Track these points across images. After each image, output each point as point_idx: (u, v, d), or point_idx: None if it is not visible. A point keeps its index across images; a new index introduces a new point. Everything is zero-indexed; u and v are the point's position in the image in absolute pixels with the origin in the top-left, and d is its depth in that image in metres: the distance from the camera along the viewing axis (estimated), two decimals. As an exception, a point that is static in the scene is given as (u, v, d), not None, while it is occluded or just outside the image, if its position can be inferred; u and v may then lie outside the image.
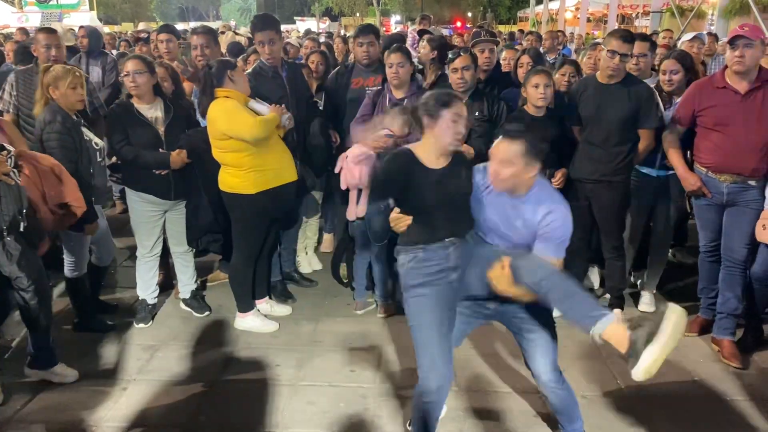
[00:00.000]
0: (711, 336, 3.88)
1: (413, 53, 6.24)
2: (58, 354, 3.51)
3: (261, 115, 3.69)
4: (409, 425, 2.91)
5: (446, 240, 2.63)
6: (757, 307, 3.80)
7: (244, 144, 3.62)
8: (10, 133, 3.26)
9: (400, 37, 6.38)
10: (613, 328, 2.29)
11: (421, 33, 7.12)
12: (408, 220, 2.66)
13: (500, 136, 2.56)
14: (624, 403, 3.32)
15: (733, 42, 3.47)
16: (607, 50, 3.76)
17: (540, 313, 2.65)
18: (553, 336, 2.70)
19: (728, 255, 3.71)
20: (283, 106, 3.86)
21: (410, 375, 3.55)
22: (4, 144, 3.10)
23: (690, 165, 3.88)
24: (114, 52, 7.67)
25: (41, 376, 3.45)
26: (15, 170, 3.02)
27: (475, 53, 4.50)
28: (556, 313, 2.63)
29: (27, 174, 3.11)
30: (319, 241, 5.38)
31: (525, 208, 2.60)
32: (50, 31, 4.69)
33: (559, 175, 3.95)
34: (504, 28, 18.04)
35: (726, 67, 3.62)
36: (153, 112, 3.90)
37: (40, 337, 3.40)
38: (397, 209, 2.72)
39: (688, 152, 3.97)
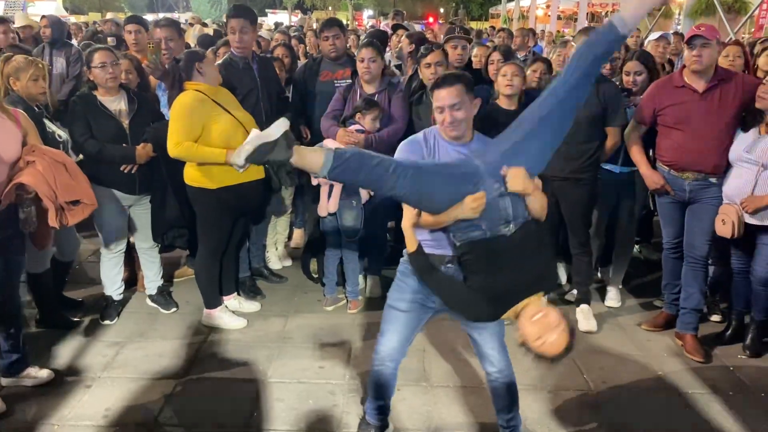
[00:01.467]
0: (674, 331, 3.96)
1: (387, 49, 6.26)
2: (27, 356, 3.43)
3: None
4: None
5: None
6: (742, 305, 3.90)
7: (203, 138, 3.57)
8: (26, 125, 3.16)
9: (383, 34, 6.35)
10: None
11: (395, 28, 7.13)
12: None
13: (434, 90, 2.56)
14: (588, 398, 3.37)
15: (690, 42, 3.54)
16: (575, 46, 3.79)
17: None
18: (501, 323, 2.72)
19: (690, 251, 3.79)
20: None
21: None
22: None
23: (653, 163, 3.95)
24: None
25: (15, 383, 3.36)
26: None
27: (447, 49, 4.52)
28: None
29: (39, 170, 3.03)
30: (290, 237, 5.34)
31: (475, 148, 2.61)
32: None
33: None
34: (476, 25, 18.12)
35: (684, 66, 3.69)
36: (117, 104, 3.82)
37: (7, 339, 3.32)
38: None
39: (651, 151, 4.04)
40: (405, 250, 2.64)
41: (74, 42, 7.53)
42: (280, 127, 2.20)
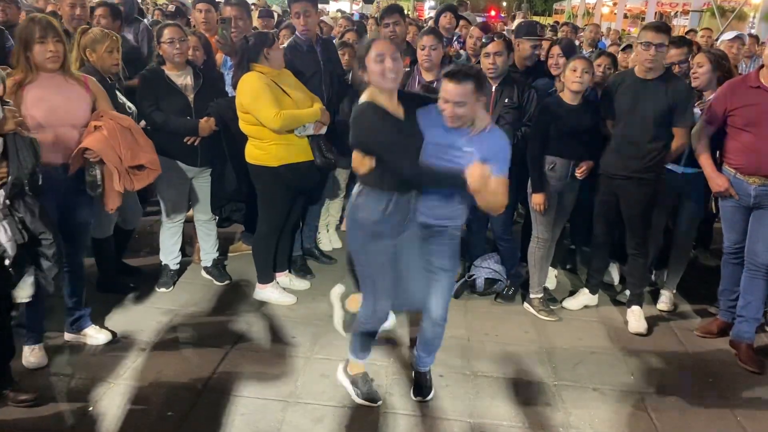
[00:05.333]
0: (729, 339, 3.85)
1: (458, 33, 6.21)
2: (90, 316, 3.59)
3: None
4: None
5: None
6: None
7: None
8: (95, 90, 3.28)
9: (454, 6, 6.33)
10: None
11: (457, 18, 7.07)
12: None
13: (445, 78, 2.66)
14: (635, 399, 3.31)
15: None
16: (642, 42, 3.69)
17: (453, 254, 2.97)
18: (452, 279, 3.08)
19: (752, 258, 3.66)
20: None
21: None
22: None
23: (718, 165, 3.83)
24: (148, 19, 7.72)
25: (76, 339, 3.54)
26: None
27: (510, 40, 4.46)
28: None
29: (105, 134, 3.15)
30: (341, 220, 5.40)
31: (466, 143, 2.72)
32: None
33: (584, 167, 3.91)
34: (539, 20, 17.83)
35: (762, 66, 3.55)
36: (183, 79, 3.94)
37: (71, 296, 3.48)
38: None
39: (717, 152, 3.91)
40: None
41: (148, 18, 7.74)
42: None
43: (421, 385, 3.24)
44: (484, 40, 4.20)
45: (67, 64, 3.18)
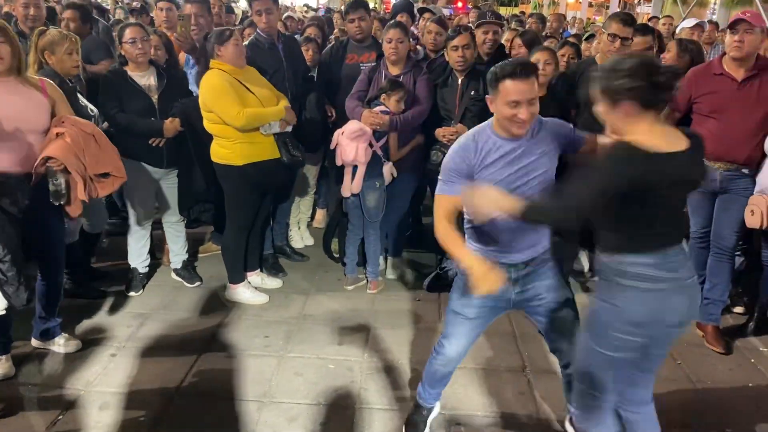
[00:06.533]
0: (696, 321, 3.93)
1: (415, 31, 6.21)
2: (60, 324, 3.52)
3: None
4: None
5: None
6: (764, 298, 3.88)
7: None
8: (53, 94, 3.13)
9: (409, 5, 6.31)
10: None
11: (421, 11, 7.08)
12: None
13: (505, 79, 2.29)
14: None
15: (733, 26, 3.46)
16: (608, 34, 3.75)
17: (560, 288, 2.60)
18: (575, 310, 2.61)
19: (717, 242, 3.74)
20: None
21: (398, 350, 3.61)
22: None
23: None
24: (109, 18, 7.58)
25: (44, 346, 3.48)
26: None
27: (478, 34, 4.49)
28: None
29: (68, 142, 3.02)
30: (313, 217, 5.39)
31: (533, 145, 2.43)
32: None
33: None
34: (505, 11, 17.92)
35: (724, 53, 3.62)
36: (146, 79, 3.88)
37: (46, 306, 3.40)
38: None
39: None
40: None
41: (110, 17, 7.59)
42: None
43: None
44: (450, 34, 4.21)
45: (21, 68, 3.05)
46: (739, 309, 4.18)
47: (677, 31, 6.23)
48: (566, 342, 2.59)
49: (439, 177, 2.49)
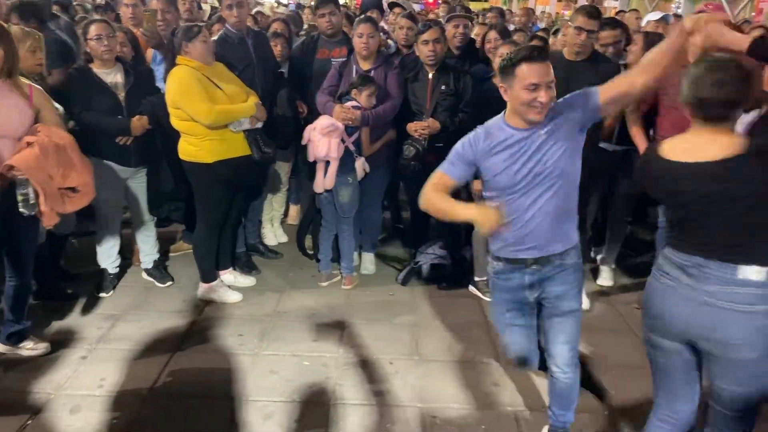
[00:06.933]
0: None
1: (385, 26, 6.21)
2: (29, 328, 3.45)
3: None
4: None
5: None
6: None
7: None
8: (39, 102, 3.05)
9: (379, 2, 6.31)
10: None
11: (391, 5, 7.07)
12: None
13: (521, 63, 2.25)
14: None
15: None
16: (574, 27, 3.78)
17: (575, 296, 2.58)
18: (579, 321, 2.61)
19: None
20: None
21: (373, 345, 3.61)
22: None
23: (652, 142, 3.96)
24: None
25: (11, 351, 3.40)
26: None
27: (448, 28, 4.50)
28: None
29: (36, 152, 2.92)
30: (286, 213, 5.36)
31: (546, 132, 2.35)
32: None
33: None
34: (475, 6, 17.96)
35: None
36: (112, 77, 3.81)
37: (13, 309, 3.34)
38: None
39: (651, 130, 4.04)
40: (492, 264, 2.60)
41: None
42: None
43: None
44: (420, 28, 4.22)
45: (14, 71, 2.98)
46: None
47: (643, 24, 6.32)
48: (556, 348, 2.59)
49: (447, 157, 2.51)
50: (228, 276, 4.24)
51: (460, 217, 2.40)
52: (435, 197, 2.44)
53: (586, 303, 4.11)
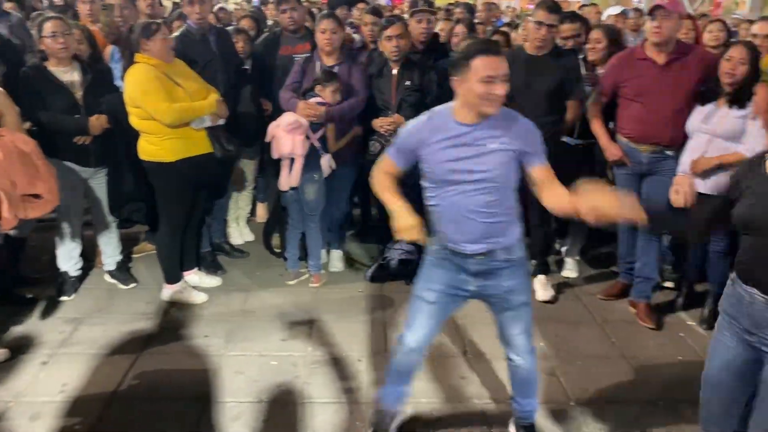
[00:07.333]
0: (629, 299, 4.07)
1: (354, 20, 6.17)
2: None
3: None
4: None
5: None
6: (694, 275, 4.08)
7: None
8: (1, 105, 2.97)
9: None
10: None
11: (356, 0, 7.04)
12: None
13: (477, 55, 2.22)
14: (544, 365, 3.42)
15: (652, 12, 3.59)
16: (534, 21, 3.81)
17: (525, 289, 2.59)
18: (531, 310, 2.61)
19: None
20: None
21: (342, 342, 3.60)
22: None
23: (612, 135, 4.01)
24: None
25: None
26: None
27: (411, 23, 4.50)
28: None
29: (0, 157, 2.85)
30: (254, 212, 5.31)
31: (489, 131, 2.34)
32: None
33: None
34: (440, 0, 18.02)
35: (646, 39, 3.74)
36: (69, 75, 3.72)
37: None
38: None
39: (611, 123, 4.09)
40: (432, 238, 2.54)
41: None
42: None
43: None
44: (383, 24, 4.21)
45: None
46: (669, 284, 4.34)
47: (603, 18, 6.41)
48: (513, 338, 2.59)
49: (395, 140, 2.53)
50: (193, 276, 4.18)
51: (389, 207, 2.44)
52: (379, 179, 2.53)
53: (551, 294, 4.17)
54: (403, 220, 2.34)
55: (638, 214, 2.11)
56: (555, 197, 2.36)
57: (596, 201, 2.12)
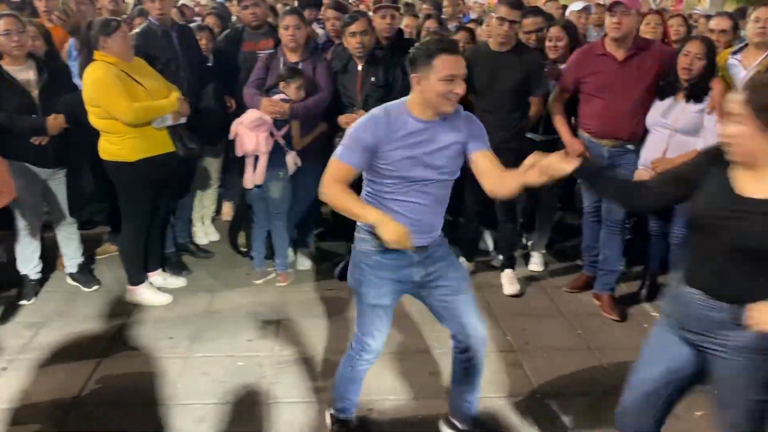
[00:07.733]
0: (592, 292, 4.13)
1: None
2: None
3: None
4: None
5: None
6: (657, 266, 4.16)
7: None
8: None
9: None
10: None
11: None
12: None
13: (440, 54, 2.22)
14: (511, 358, 3.47)
15: (612, 8, 3.63)
16: (497, 17, 3.82)
17: (459, 267, 2.63)
18: (470, 290, 2.63)
19: (608, 215, 3.93)
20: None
21: (309, 341, 3.58)
22: None
23: (574, 131, 4.06)
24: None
25: None
26: None
27: (375, 19, 4.47)
28: None
29: None
30: (219, 211, 5.24)
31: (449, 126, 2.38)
32: None
33: None
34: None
35: (606, 35, 3.79)
36: (24, 74, 3.63)
37: None
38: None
39: (573, 118, 4.14)
40: (369, 242, 2.44)
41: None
42: None
43: None
44: (346, 20, 4.18)
45: None
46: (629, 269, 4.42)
47: (566, 13, 6.46)
48: (463, 323, 2.58)
49: (342, 141, 2.38)
50: (157, 278, 4.12)
51: (364, 220, 2.31)
52: (339, 194, 2.32)
53: (517, 288, 4.20)
54: (392, 229, 2.19)
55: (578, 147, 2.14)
56: (500, 179, 2.39)
57: (542, 163, 2.23)
